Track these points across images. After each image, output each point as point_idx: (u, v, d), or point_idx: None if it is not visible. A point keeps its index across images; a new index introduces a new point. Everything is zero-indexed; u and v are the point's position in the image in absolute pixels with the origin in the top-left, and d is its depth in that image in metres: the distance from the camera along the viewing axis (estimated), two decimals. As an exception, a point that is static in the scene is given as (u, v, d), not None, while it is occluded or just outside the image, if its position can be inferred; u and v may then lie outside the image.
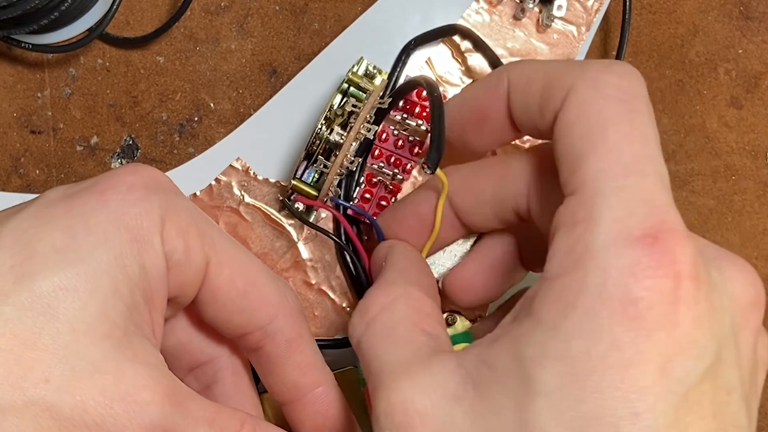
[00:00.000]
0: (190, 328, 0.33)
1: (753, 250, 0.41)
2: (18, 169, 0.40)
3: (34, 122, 0.40)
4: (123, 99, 0.40)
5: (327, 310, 0.38)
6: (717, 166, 0.41)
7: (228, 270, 0.30)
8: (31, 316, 0.25)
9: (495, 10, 0.39)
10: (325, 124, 0.35)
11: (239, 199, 0.38)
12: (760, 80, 0.41)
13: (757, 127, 0.41)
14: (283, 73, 0.41)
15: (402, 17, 0.39)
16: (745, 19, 0.42)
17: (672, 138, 0.41)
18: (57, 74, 0.40)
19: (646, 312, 0.22)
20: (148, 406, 0.26)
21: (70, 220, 0.27)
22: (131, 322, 0.27)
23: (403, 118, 0.37)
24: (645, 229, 0.23)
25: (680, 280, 0.23)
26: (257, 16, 0.41)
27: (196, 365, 0.33)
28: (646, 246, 0.23)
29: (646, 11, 0.42)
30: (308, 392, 0.32)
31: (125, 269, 0.27)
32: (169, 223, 0.28)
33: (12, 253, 0.26)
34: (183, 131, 0.40)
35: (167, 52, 0.41)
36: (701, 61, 0.42)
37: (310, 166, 0.35)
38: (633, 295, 0.22)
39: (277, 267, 0.37)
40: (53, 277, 0.26)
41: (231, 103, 0.40)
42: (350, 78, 0.36)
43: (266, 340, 0.32)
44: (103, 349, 0.26)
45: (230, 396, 0.33)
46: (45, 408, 0.25)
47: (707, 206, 0.42)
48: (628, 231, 0.23)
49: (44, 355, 0.25)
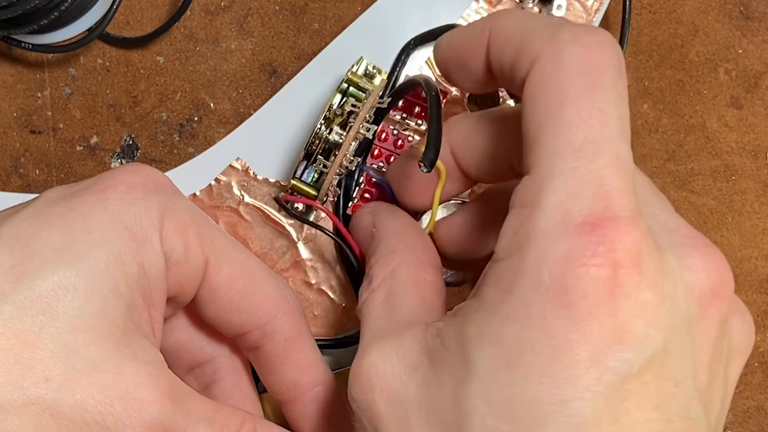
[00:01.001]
0: (189, 328, 0.33)
1: (753, 250, 0.41)
2: (18, 169, 0.40)
3: (34, 122, 0.40)
4: (123, 99, 0.40)
5: (327, 309, 0.38)
6: (717, 166, 0.41)
7: (227, 269, 0.30)
8: (30, 315, 0.25)
9: (495, 9, 0.39)
10: (325, 124, 0.35)
11: (239, 199, 0.38)
12: (760, 80, 0.42)
13: (757, 127, 0.41)
14: (283, 73, 0.41)
15: (402, 17, 0.39)
16: (745, 19, 0.42)
17: (672, 138, 0.41)
18: (57, 74, 0.40)
19: (578, 300, 0.22)
20: (147, 405, 0.26)
21: (69, 220, 0.27)
22: (131, 321, 0.27)
23: (403, 117, 0.37)
24: (586, 216, 0.22)
25: (617, 268, 0.22)
26: (257, 16, 0.41)
27: (195, 364, 0.33)
28: (584, 234, 0.22)
29: (646, 11, 0.42)
30: (307, 391, 0.32)
31: (124, 268, 0.27)
32: (168, 222, 0.28)
33: (11, 252, 0.26)
34: (183, 131, 0.40)
35: (167, 52, 0.41)
36: (701, 61, 0.42)
37: (310, 166, 0.36)
38: (566, 284, 0.22)
39: (277, 267, 0.38)
40: (52, 276, 0.26)
41: (231, 103, 0.40)
42: (350, 78, 0.36)
43: (265, 339, 0.32)
44: (103, 347, 0.26)
45: (230, 395, 0.33)
46: (45, 407, 0.25)
47: (707, 206, 0.42)
48: (569, 217, 0.22)
49: (44, 354, 0.25)
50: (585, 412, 0.22)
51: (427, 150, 0.29)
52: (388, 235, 0.32)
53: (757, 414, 0.41)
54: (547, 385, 0.22)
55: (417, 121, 0.37)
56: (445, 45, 0.30)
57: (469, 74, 0.29)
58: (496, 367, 0.23)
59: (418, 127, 0.37)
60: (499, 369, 0.23)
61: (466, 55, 0.29)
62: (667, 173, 0.41)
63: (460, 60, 0.29)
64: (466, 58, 0.29)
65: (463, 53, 0.29)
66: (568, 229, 0.22)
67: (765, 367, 0.41)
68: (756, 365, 0.41)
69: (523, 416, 0.22)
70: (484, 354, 0.23)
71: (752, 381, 0.41)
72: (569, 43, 0.24)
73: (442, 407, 0.24)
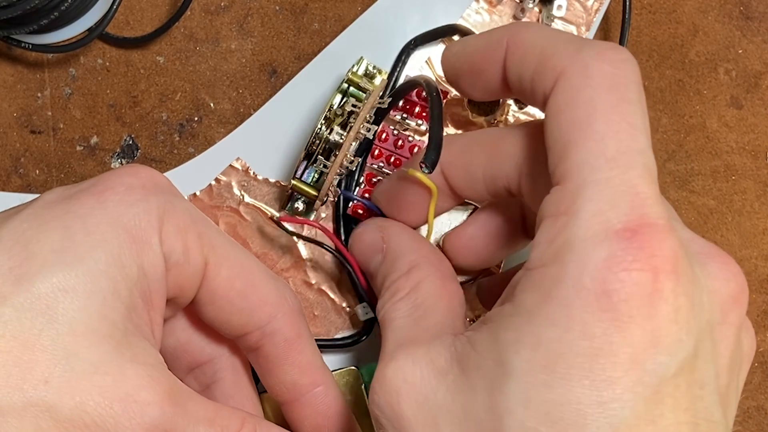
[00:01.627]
0: (189, 329, 0.33)
1: (753, 250, 0.41)
2: (18, 169, 0.40)
3: (34, 122, 0.40)
4: (123, 99, 0.40)
5: (327, 310, 0.38)
6: (717, 166, 0.41)
7: (226, 270, 0.30)
8: (30, 318, 0.25)
9: (495, 10, 0.39)
10: (325, 124, 0.35)
11: (239, 199, 0.38)
12: (760, 80, 0.41)
13: (757, 127, 0.41)
14: (283, 73, 0.41)
15: (402, 17, 0.39)
16: (745, 19, 0.42)
17: (672, 138, 0.41)
18: (57, 74, 0.40)
19: (619, 304, 0.23)
20: (148, 407, 0.26)
21: (68, 222, 0.27)
22: (130, 323, 0.27)
23: (403, 117, 0.37)
24: (625, 222, 0.23)
25: (658, 273, 0.23)
26: (257, 16, 0.41)
27: (195, 365, 0.33)
28: (624, 239, 0.23)
29: (646, 11, 0.42)
30: (307, 392, 0.32)
31: (124, 270, 0.27)
32: (168, 223, 0.28)
33: (10, 255, 0.26)
34: (183, 131, 0.40)
35: (167, 52, 0.41)
36: (701, 61, 0.42)
37: (310, 166, 0.36)
38: (607, 287, 0.23)
39: (277, 267, 0.38)
40: (52, 279, 0.26)
41: (231, 103, 0.40)
42: (350, 78, 0.36)
43: (265, 340, 0.32)
44: (103, 349, 0.26)
45: (230, 396, 0.33)
46: (45, 409, 0.25)
47: (707, 206, 0.42)
48: (608, 224, 0.23)
49: (44, 357, 0.25)
50: (624, 413, 0.22)
51: (429, 151, 0.29)
52: (406, 250, 0.32)
53: (757, 414, 0.41)
54: (587, 387, 0.22)
55: (417, 122, 0.37)
56: (457, 52, 0.30)
57: (481, 83, 0.29)
58: (535, 370, 0.23)
59: (418, 127, 0.37)
60: (537, 371, 0.23)
61: (480, 65, 0.29)
62: (667, 173, 0.41)
63: (473, 68, 0.29)
64: (481, 68, 0.29)
65: (477, 62, 0.29)
66: (608, 236, 0.23)
67: (765, 367, 0.41)
68: (756, 365, 0.41)
69: (562, 418, 0.23)
70: (522, 357, 0.23)
71: (752, 381, 0.41)
72: (595, 59, 0.25)
73: (475, 411, 0.24)
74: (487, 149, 0.30)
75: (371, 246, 0.34)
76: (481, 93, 0.30)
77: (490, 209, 0.34)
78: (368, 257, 0.34)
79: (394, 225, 0.34)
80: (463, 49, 0.30)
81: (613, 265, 0.23)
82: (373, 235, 0.34)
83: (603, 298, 0.23)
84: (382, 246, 0.33)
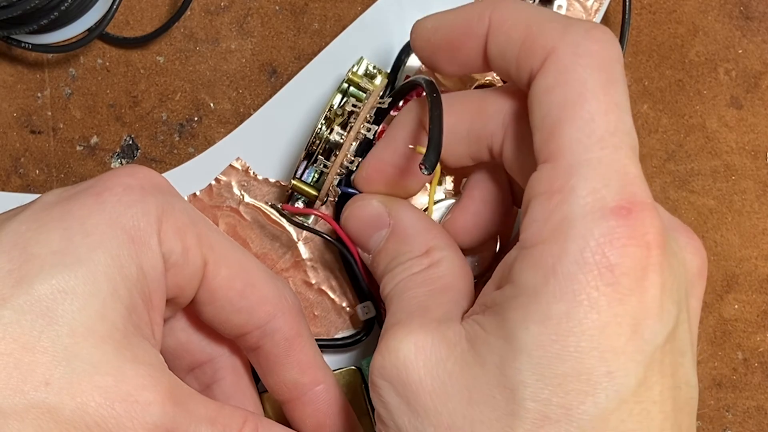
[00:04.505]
0: (189, 328, 0.33)
1: (753, 250, 0.41)
2: (18, 169, 0.40)
3: (34, 122, 0.40)
4: (123, 99, 0.40)
5: (327, 310, 0.38)
6: (717, 166, 0.41)
7: (226, 270, 0.30)
8: (30, 320, 0.25)
9: (495, 9, 0.39)
10: (325, 124, 0.35)
11: (239, 199, 0.38)
12: (760, 80, 0.41)
13: (757, 127, 0.41)
14: (283, 73, 0.41)
15: (402, 17, 0.39)
16: (745, 19, 0.42)
17: (672, 138, 0.41)
18: (57, 74, 0.40)
19: (621, 278, 0.24)
20: (149, 407, 0.26)
21: (67, 223, 0.27)
22: (130, 323, 0.27)
23: (403, 118, 0.37)
24: (618, 200, 0.24)
25: (650, 248, 0.24)
26: (257, 16, 0.41)
27: (196, 365, 0.33)
28: (620, 217, 0.24)
29: (646, 11, 0.42)
30: (308, 390, 0.32)
31: (123, 270, 0.27)
32: (166, 224, 0.28)
33: (9, 257, 0.26)
34: (183, 131, 0.41)
35: (167, 52, 0.41)
36: (701, 61, 0.42)
37: (310, 166, 0.36)
38: (610, 262, 0.24)
39: (277, 267, 0.38)
40: (51, 280, 0.26)
41: (231, 103, 0.40)
42: (350, 78, 0.36)
43: (265, 339, 0.32)
44: (103, 350, 0.26)
45: (230, 395, 0.33)
46: (46, 411, 0.25)
47: (707, 206, 0.42)
48: (603, 202, 0.24)
49: (44, 358, 0.25)
50: (629, 381, 0.24)
51: (429, 152, 0.29)
52: (420, 228, 0.32)
53: (757, 414, 0.41)
54: (596, 358, 0.24)
55: (417, 122, 0.37)
56: (434, 27, 0.30)
57: (460, 58, 0.29)
58: (545, 344, 0.24)
59: (418, 128, 0.37)
60: (547, 346, 0.24)
61: (460, 40, 0.29)
62: (666, 173, 0.41)
63: (450, 44, 0.29)
64: (460, 43, 0.29)
65: (456, 37, 0.29)
66: (604, 214, 0.24)
67: (765, 367, 0.41)
68: (756, 365, 0.41)
69: (573, 388, 0.24)
70: (531, 332, 0.24)
71: (752, 381, 0.41)
72: (585, 39, 0.26)
73: (486, 385, 0.25)
74: (473, 108, 0.30)
75: (373, 221, 0.33)
76: (457, 68, 0.30)
77: (478, 182, 0.33)
78: (369, 232, 0.33)
79: (399, 200, 0.33)
80: (440, 23, 0.30)
81: (614, 240, 0.24)
82: (375, 210, 0.33)
83: (606, 272, 0.24)
84: (388, 221, 0.32)
